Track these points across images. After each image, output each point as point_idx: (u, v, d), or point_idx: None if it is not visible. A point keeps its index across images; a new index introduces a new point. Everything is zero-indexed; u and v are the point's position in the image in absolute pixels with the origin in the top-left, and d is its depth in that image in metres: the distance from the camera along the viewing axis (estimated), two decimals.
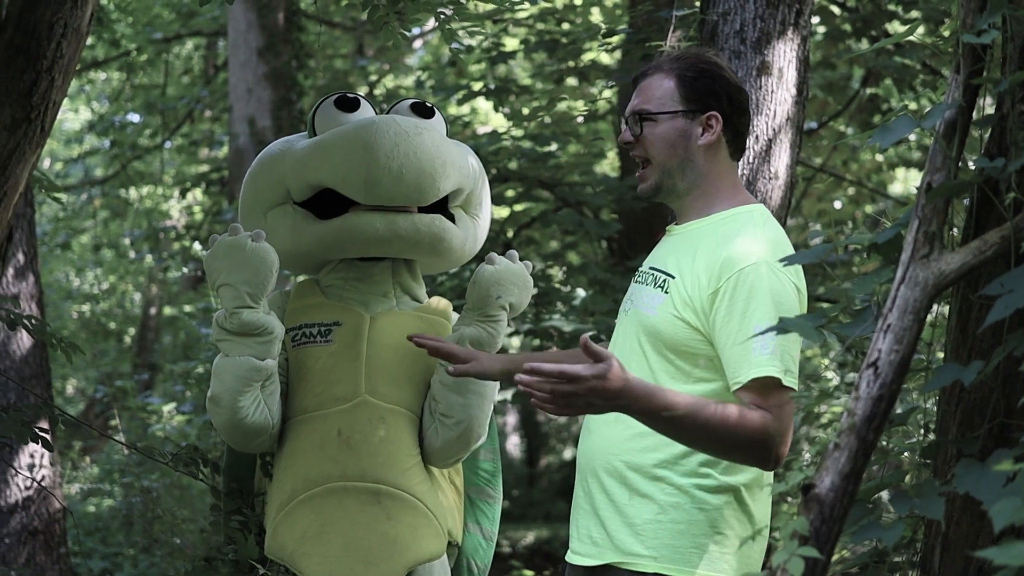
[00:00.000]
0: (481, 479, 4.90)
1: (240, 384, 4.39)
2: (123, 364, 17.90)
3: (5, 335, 8.41)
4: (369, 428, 4.49)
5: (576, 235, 10.43)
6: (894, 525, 2.75)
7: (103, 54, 15.75)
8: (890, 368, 2.69)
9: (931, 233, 2.78)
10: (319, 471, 4.47)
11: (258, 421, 4.44)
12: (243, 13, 12.82)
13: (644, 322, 3.68)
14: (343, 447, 4.47)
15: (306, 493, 4.47)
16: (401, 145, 4.49)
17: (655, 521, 3.58)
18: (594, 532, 3.69)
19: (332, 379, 4.56)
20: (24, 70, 4.97)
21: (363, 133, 4.51)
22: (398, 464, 4.49)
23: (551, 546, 14.75)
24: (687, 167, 3.74)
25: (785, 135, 5.68)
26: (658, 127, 3.74)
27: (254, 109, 12.56)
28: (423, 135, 4.55)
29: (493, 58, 10.20)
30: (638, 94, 3.81)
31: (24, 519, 8.44)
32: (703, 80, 3.75)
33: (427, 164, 4.52)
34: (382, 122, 4.54)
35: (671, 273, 3.67)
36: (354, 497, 4.44)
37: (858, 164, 12.98)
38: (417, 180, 4.52)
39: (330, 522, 4.42)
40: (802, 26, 5.76)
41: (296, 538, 4.45)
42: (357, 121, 4.60)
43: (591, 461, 3.73)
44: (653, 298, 3.68)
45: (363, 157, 4.48)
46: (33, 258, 8.63)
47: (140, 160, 17.28)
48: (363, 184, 4.50)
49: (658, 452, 3.60)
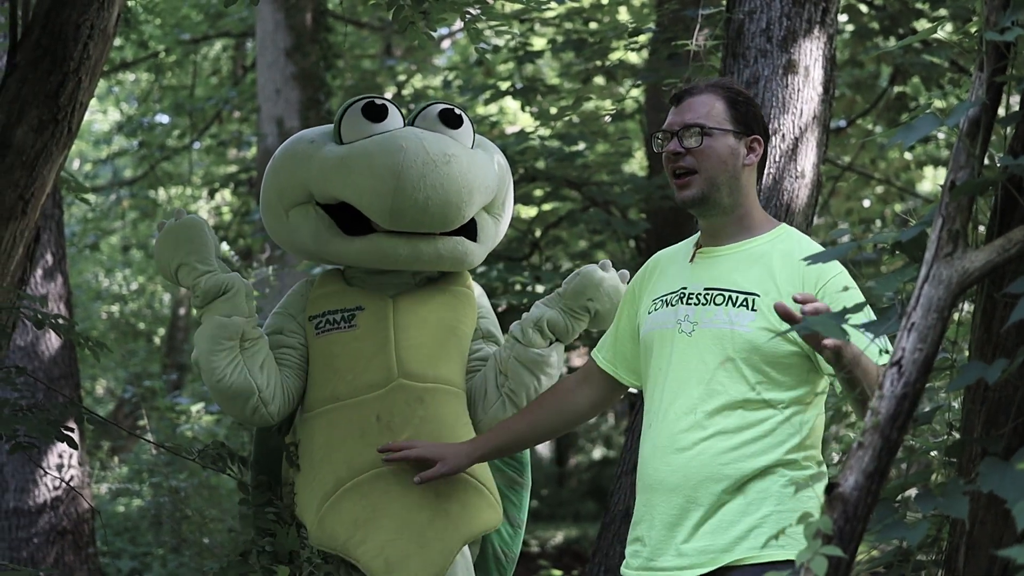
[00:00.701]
0: (510, 466, 4.90)
1: (210, 344, 4.49)
2: (152, 364, 17.94)
3: (34, 336, 8.44)
4: (408, 410, 4.53)
5: (604, 234, 10.42)
6: (918, 524, 2.73)
7: (132, 55, 15.78)
8: (914, 367, 2.67)
9: (955, 231, 2.77)
10: (363, 458, 4.50)
11: (237, 382, 4.50)
12: (271, 14, 12.84)
13: (735, 340, 3.84)
14: (384, 431, 4.51)
15: (352, 481, 4.50)
16: (428, 176, 4.49)
17: (776, 512, 3.76)
18: (702, 542, 3.81)
19: (363, 365, 4.59)
20: (51, 71, 4.99)
21: (390, 161, 4.50)
22: (441, 441, 4.49)
23: (580, 545, 14.75)
24: (733, 183, 3.98)
25: (811, 134, 5.67)
26: (714, 141, 3.96)
27: (282, 109, 12.57)
28: (451, 164, 4.54)
29: (520, 58, 10.19)
30: (688, 109, 4.00)
31: (53, 519, 8.47)
32: (749, 107, 4.04)
33: (453, 195, 4.53)
34: (411, 150, 4.51)
35: (752, 291, 3.87)
36: (401, 480, 4.45)
37: (886, 163, 12.93)
38: (443, 211, 4.54)
39: (380, 507, 4.45)
40: (828, 24, 5.75)
41: (347, 526, 4.46)
42: (384, 142, 4.57)
43: (690, 478, 3.83)
44: (740, 317, 3.86)
45: (390, 186, 4.48)
46: (62, 259, 8.66)
47: (168, 161, 17.31)
48: (388, 214, 4.52)
49: (767, 455, 3.80)
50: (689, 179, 3.96)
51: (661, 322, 4.01)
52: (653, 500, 3.91)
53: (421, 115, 4.74)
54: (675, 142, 3.98)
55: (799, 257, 3.81)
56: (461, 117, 4.74)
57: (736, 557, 3.76)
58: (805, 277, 3.84)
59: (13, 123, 4.98)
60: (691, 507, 3.82)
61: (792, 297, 3.51)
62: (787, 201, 5.60)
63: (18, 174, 4.99)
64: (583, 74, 10.90)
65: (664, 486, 3.88)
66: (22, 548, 8.45)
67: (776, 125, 5.61)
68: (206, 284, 4.50)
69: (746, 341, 3.82)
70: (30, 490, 8.47)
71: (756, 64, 5.70)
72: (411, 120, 4.74)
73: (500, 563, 4.86)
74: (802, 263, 3.76)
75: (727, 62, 5.82)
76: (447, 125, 4.70)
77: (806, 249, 3.89)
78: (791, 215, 5.61)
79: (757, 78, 5.68)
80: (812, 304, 3.36)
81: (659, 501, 3.89)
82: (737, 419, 3.80)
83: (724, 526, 3.79)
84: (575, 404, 4.35)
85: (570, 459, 19.60)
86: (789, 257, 3.90)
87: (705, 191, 3.96)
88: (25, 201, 5.01)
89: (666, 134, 4.02)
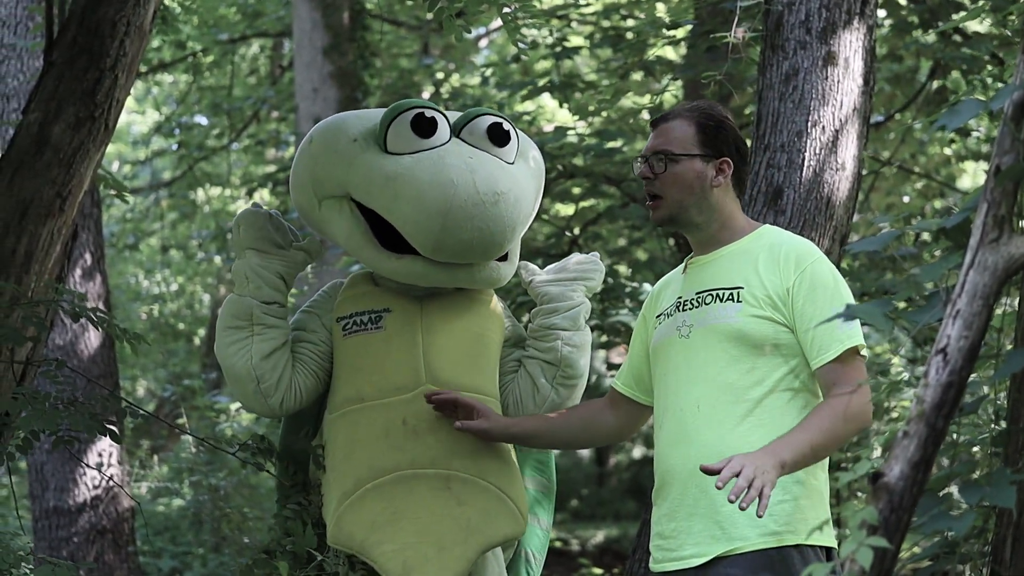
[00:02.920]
0: (536, 469, 4.89)
1: (222, 320, 4.65)
2: (192, 364, 17.98)
3: (73, 335, 8.47)
4: (434, 416, 4.49)
5: (643, 231, 10.38)
6: (964, 515, 2.70)
7: (169, 56, 15.82)
8: (959, 354, 2.64)
9: (1000, 217, 2.73)
10: (386, 460, 4.47)
11: (238, 365, 4.59)
12: (308, 13, 12.86)
13: (726, 331, 4.06)
14: (409, 436, 4.49)
15: (373, 482, 4.47)
16: (476, 218, 4.44)
17: (782, 501, 3.91)
18: (713, 530, 3.97)
19: (390, 367, 4.57)
20: (87, 69, 5.00)
21: (440, 196, 4.43)
22: (467, 449, 4.48)
23: (620, 545, 14.73)
24: (702, 203, 4.19)
25: (852, 126, 5.63)
26: (679, 167, 4.19)
27: (320, 108, 12.56)
28: (499, 204, 4.48)
29: (558, 54, 10.14)
30: (659, 135, 4.25)
31: (93, 518, 8.50)
32: (720, 130, 4.23)
33: (498, 235, 4.51)
34: (461, 186, 4.44)
35: (736, 285, 4.09)
36: (425, 484, 4.44)
37: (926, 157, 12.86)
38: (485, 248, 4.53)
39: (401, 510, 4.42)
40: (868, 15, 5.72)
41: (365, 527, 4.43)
42: (435, 170, 4.48)
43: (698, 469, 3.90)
44: (727, 310, 4.07)
45: (436, 223, 4.43)
46: (100, 258, 8.69)
47: (207, 161, 17.34)
48: (431, 248, 4.49)
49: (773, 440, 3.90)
50: (657, 203, 4.22)
51: (664, 333, 4.26)
52: (672, 493, 4.10)
53: (468, 128, 4.65)
54: (645, 167, 4.23)
55: (783, 248, 4.08)
56: (509, 134, 4.68)
57: (745, 543, 3.92)
58: (784, 263, 4.05)
59: (50, 120, 5.00)
60: (702, 496, 3.99)
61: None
62: (827, 194, 5.57)
63: (55, 171, 5.01)
64: (621, 70, 10.86)
65: (677, 478, 4.08)
66: (62, 547, 8.48)
67: (816, 117, 5.58)
68: (233, 270, 4.63)
69: (735, 330, 4.03)
70: (70, 489, 8.50)
71: (795, 56, 5.67)
72: (458, 130, 4.66)
73: (529, 565, 4.84)
74: (782, 251, 4.06)
75: (766, 54, 5.79)
76: (494, 142, 4.63)
77: (788, 242, 4.13)
78: (831, 208, 5.58)
79: (796, 70, 5.66)
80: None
81: (676, 493, 4.08)
82: (739, 408, 3.99)
83: (732, 514, 3.91)
84: (603, 422, 4.54)
85: (610, 458, 19.57)
86: (772, 249, 4.12)
87: (672, 213, 4.21)
88: (63, 198, 5.03)
89: (641, 159, 4.26)
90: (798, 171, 5.57)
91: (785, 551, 3.88)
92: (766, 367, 4.01)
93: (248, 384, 4.58)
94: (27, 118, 5.06)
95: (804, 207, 5.56)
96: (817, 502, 3.98)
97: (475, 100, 12.96)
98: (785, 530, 3.90)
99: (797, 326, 4.00)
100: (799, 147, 5.59)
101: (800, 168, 5.57)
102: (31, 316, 4.98)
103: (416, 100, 4.70)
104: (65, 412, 4.95)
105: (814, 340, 3.96)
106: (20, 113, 5.28)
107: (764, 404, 3.98)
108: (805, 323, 3.97)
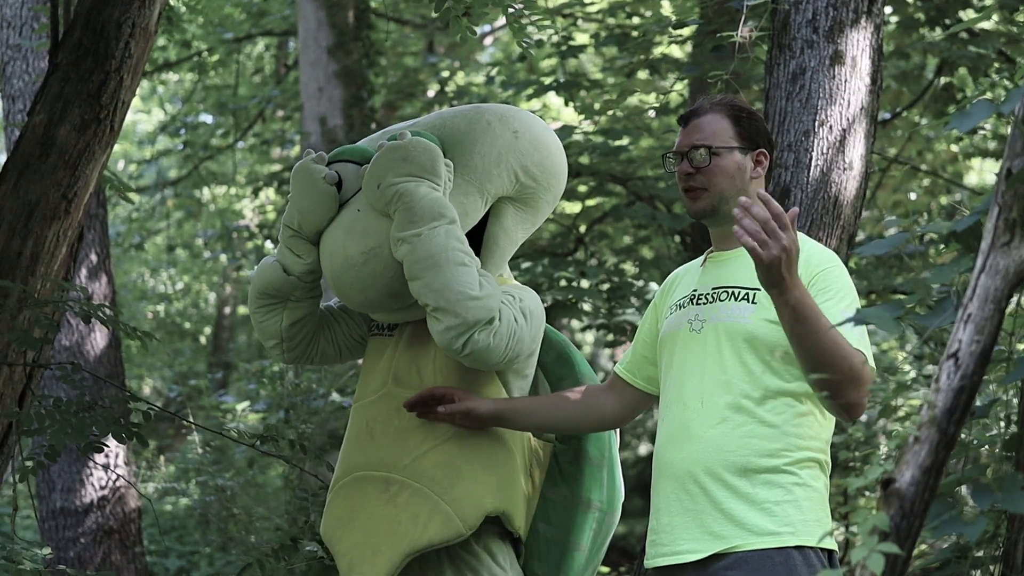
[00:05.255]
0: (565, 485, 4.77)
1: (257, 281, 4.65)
2: (199, 364, 17.97)
3: (79, 336, 8.46)
4: (388, 418, 4.54)
5: (649, 229, 10.37)
6: (976, 520, 2.69)
7: (175, 55, 15.81)
8: (971, 359, 2.63)
9: (1012, 220, 2.71)
10: (352, 461, 4.59)
11: (267, 323, 4.67)
12: (313, 12, 12.84)
13: (737, 331, 4.05)
14: (367, 437, 4.57)
15: (342, 482, 4.60)
16: (352, 283, 4.49)
17: (784, 501, 3.90)
18: (714, 526, 3.95)
19: (374, 370, 4.66)
20: (93, 70, 4.99)
21: (326, 265, 4.54)
22: (408, 451, 4.49)
23: (627, 542, 14.69)
24: (741, 195, 4.07)
25: (859, 125, 5.61)
26: (721, 160, 4.18)
27: (325, 108, 12.57)
28: (368, 264, 4.41)
29: (563, 52, 10.13)
30: (693, 131, 4.24)
31: (100, 519, 8.49)
32: (752, 122, 4.25)
33: (382, 290, 4.48)
34: (335, 253, 4.47)
35: (754, 286, 4.02)
36: (371, 485, 4.51)
37: (933, 154, 12.84)
38: (377, 305, 4.56)
39: (356, 509, 4.51)
40: (875, 14, 5.70)
41: (332, 524, 4.57)
42: (327, 238, 4.54)
43: (697, 464, 4.00)
44: (740, 309, 4.07)
45: (333, 287, 4.54)
46: (106, 258, 8.67)
47: (212, 160, 17.32)
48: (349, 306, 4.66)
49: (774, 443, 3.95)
50: (699, 194, 4.20)
51: (673, 324, 4.24)
52: (666, 487, 4.09)
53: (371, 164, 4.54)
54: (685, 163, 4.20)
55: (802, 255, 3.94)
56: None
57: (745, 542, 3.90)
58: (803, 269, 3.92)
59: (55, 122, 4.99)
60: (700, 493, 3.99)
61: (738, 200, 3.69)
62: (835, 193, 5.55)
63: (61, 173, 5.00)
64: (627, 68, 10.84)
65: (675, 473, 4.06)
66: (69, 548, 8.47)
67: (823, 116, 5.57)
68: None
69: (746, 331, 4.02)
70: (76, 490, 8.49)
71: (802, 55, 5.65)
72: None
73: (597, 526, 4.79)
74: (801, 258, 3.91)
75: (773, 53, 5.77)
76: None
77: (809, 249, 4.07)
78: (839, 207, 5.56)
79: (803, 69, 5.64)
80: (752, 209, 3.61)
81: (671, 488, 4.07)
82: (745, 408, 3.98)
83: (733, 512, 3.93)
84: (599, 407, 4.52)
85: None
86: None
87: (715, 204, 4.18)
88: (68, 200, 5.02)
89: (676, 155, 4.25)
90: (805, 170, 5.55)
91: (787, 552, 3.86)
92: (773, 371, 3.99)
93: (271, 337, 4.70)
94: (32, 120, 5.05)
95: (811, 207, 5.53)
96: (818, 504, 3.97)
97: (480, 99, 12.96)
98: (787, 531, 3.88)
99: None
100: (806, 146, 5.56)
101: (807, 167, 5.55)
102: (39, 317, 4.97)
103: (341, 150, 4.68)
104: (89, 418, 4.96)
105: None
106: (26, 114, 5.27)
107: (768, 407, 3.97)
108: None
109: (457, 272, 4.25)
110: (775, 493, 3.90)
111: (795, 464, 3.95)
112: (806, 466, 3.96)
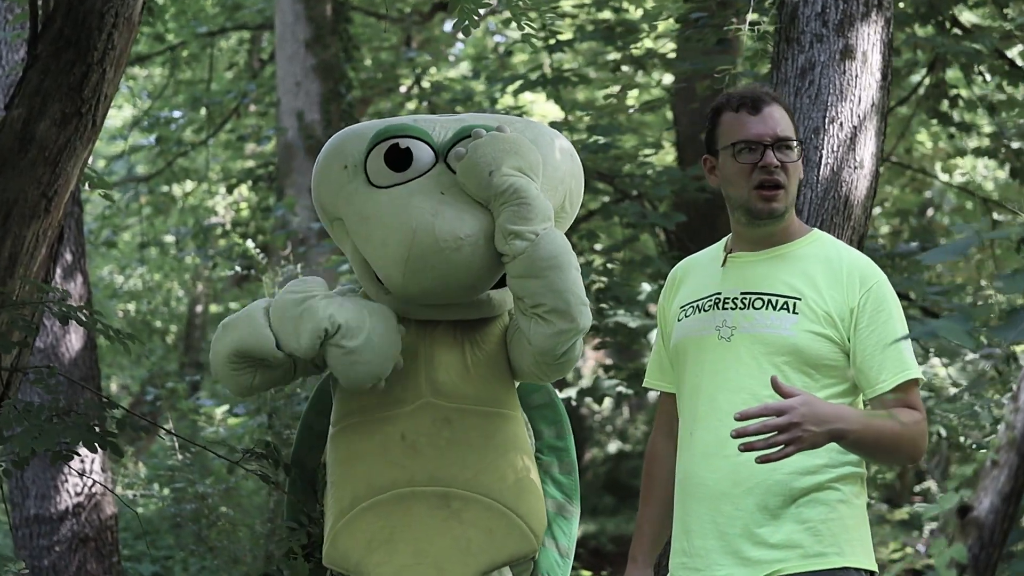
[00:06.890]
0: (560, 490, 4.66)
1: (237, 341, 4.33)
2: (170, 363, 17.83)
3: (54, 338, 8.30)
4: (434, 430, 4.32)
5: (638, 227, 10.21)
6: None
7: (147, 49, 15.68)
8: None
9: None
10: (384, 477, 4.31)
11: (239, 378, 4.38)
12: (290, 5, 12.87)
13: (779, 344, 3.84)
14: (408, 451, 4.31)
15: (370, 500, 4.31)
16: (436, 267, 4.24)
17: (829, 520, 3.77)
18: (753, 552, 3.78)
19: (392, 379, 4.35)
20: (74, 63, 4.85)
21: (401, 241, 4.23)
22: (467, 465, 4.31)
23: (597, 541, 14.71)
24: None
25: (870, 122, 5.48)
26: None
27: (302, 102, 12.61)
28: (462, 251, 4.22)
29: (550, 47, 9.97)
30: (769, 121, 3.93)
31: (75, 526, 8.31)
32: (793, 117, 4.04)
33: (464, 281, 4.30)
34: (420, 232, 4.21)
35: (794, 295, 3.86)
36: (423, 502, 4.28)
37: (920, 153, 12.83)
38: (451, 295, 4.35)
39: (399, 529, 4.27)
40: (885, 7, 5.59)
41: (361, 547, 4.28)
42: (400, 213, 4.26)
43: (739, 483, 3.80)
44: (781, 320, 3.85)
45: (397, 270, 4.26)
46: (81, 257, 8.52)
47: (185, 156, 17.17)
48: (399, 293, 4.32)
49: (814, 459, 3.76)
50: (778, 192, 3.91)
51: (696, 328, 4.00)
52: (699, 509, 3.88)
53: (454, 152, 4.37)
54: (770, 155, 3.89)
55: (840, 264, 3.91)
56: None
57: (789, 564, 3.76)
58: (848, 280, 3.87)
59: (35, 117, 4.85)
60: (739, 513, 3.81)
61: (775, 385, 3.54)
62: (845, 193, 5.40)
63: (41, 170, 4.85)
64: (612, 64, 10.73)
65: (711, 493, 3.85)
66: (43, 556, 8.29)
67: (833, 113, 5.42)
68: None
69: (790, 344, 3.83)
70: (51, 497, 8.31)
71: (811, 50, 5.50)
72: (445, 152, 4.40)
73: None
74: (844, 267, 3.88)
75: (780, 47, 5.63)
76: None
77: (844, 255, 3.95)
78: (850, 207, 5.42)
79: (812, 64, 5.48)
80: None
81: (705, 509, 3.86)
82: None
83: (775, 533, 3.76)
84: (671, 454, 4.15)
85: (586, 453, 19.55)
86: (831, 262, 3.92)
87: (788, 205, 3.95)
88: (48, 199, 4.88)
89: (756, 145, 3.91)
90: (815, 169, 5.39)
91: (832, 573, 3.74)
92: (816, 387, 3.82)
93: (240, 391, 4.45)
94: (10, 114, 4.89)
95: (821, 206, 5.38)
96: (861, 522, 3.85)
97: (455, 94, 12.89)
98: (832, 551, 3.76)
99: (856, 349, 3.84)
100: (816, 144, 5.40)
101: (817, 166, 5.39)
102: (17, 319, 4.82)
103: (397, 125, 4.47)
104: (60, 425, 4.78)
105: (874, 366, 3.82)
106: (3, 109, 5.11)
107: None
108: (868, 347, 3.82)
109: (576, 276, 4.15)
110: (819, 511, 3.77)
111: (839, 480, 3.81)
112: (849, 482, 3.83)
